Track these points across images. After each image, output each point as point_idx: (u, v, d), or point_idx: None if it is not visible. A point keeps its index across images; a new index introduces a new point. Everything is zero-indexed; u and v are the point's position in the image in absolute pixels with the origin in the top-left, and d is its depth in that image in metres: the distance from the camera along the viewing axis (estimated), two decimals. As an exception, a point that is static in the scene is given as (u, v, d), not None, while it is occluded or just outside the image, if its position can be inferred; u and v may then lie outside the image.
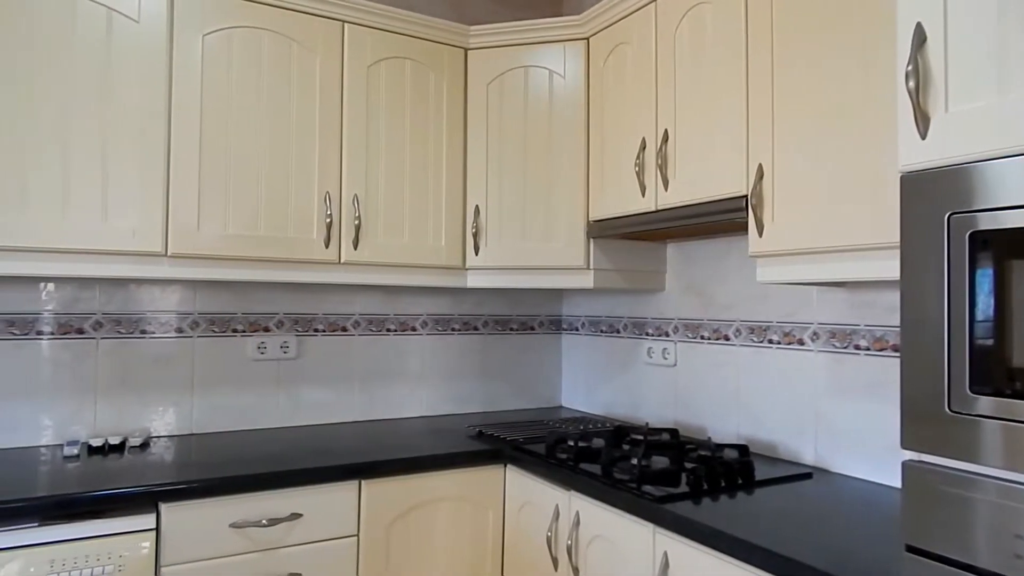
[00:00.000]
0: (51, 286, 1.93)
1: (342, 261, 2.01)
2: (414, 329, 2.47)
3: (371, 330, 2.39)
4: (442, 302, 2.52)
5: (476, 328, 2.59)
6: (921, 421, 0.95)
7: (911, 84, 0.97)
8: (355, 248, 2.03)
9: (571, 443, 1.84)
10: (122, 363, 2.01)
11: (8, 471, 1.62)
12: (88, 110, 1.70)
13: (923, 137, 0.97)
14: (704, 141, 1.71)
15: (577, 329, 2.68)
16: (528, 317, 2.69)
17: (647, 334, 2.33)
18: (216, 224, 1.84)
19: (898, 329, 1.58)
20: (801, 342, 1.81)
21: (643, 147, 1.89)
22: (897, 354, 1.59)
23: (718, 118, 1.67)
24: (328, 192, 1.99)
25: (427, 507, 1.84)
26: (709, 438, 1.86)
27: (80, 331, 1.96)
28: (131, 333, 2.02)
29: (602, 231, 2.07)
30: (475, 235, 2.20)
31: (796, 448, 1.81)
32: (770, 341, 1.89)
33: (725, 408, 2.02)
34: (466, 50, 2.24)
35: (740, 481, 1.59)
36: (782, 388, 1.86)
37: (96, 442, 1.84)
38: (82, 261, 1.69)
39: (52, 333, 1.93)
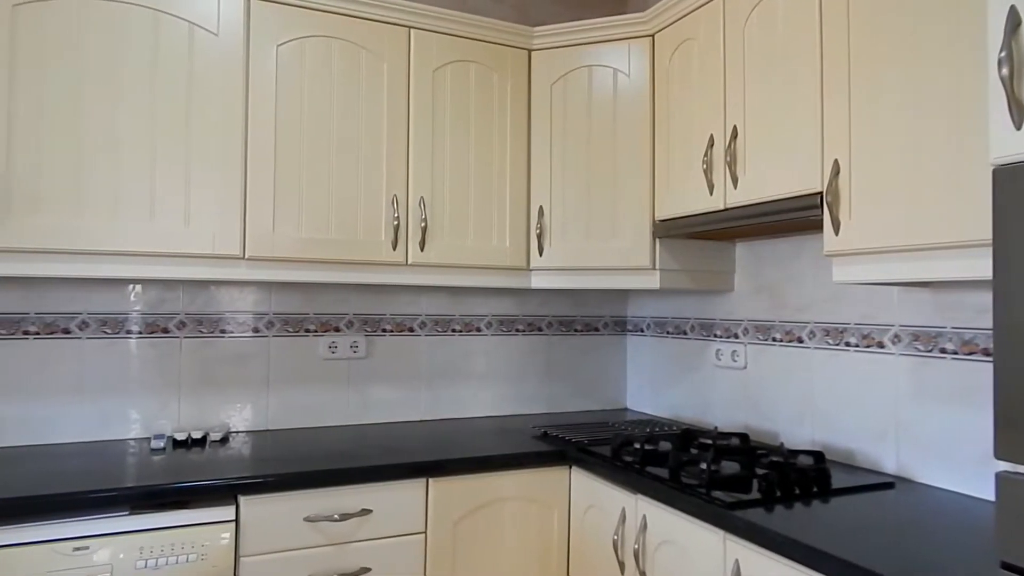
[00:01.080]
0: (139, 288, 2.05)
1: (409, 263, 2.05)
2: (479, 330, 2.49)
3: (437, 330, 2.43)
4: (506, 303, 2.54)
5: (540, 329, 2.59)
6: (1017, 429, 0.89)
7: (1004, 71, 0.91)
8: (421, 250, 2.06)
9: (637, 446, 1.82)
10: (203, 361, 2.11)
11: (100, 462, 1.72)
12: (173, 122, 1.79)
13: (1017, 127, 0.91)
14: (775, 137, 1.65)
15: (642, 330, 2.65)
16: (592, 318, 2.68)
17: (715, 336, 2.28)
18: (290, 228, 1.91)
19: (989, 332, 1.49)
20: (881, 345, 1.73)
21: (711, 144, 1.84)
22: (988, 358, 1.50)
23: (790, 113, 1.61)
24: (395, 195, 2.03)
25: (493, 506, 1.85)
26: (781, 443, 1.79)
27: (165, 330, 2.07)
28: (211, 333, 2.12)
29: (668, 231, 2.04)
30: (539, 236, 2.20)
31: (876, 456, 1.73)
32: (847, 344, 1.82)
33: (798, 413, 1.95)
34: (530, 51, 2.25)
35: (815, 489, 1.53)
36: (860, 393, 1.78)
37: (180, 436, 1.94)
38: (167, 264, 1.79)
39: (140, 332, 2.04)
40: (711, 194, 1.85)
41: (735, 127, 1.77)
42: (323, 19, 1.97)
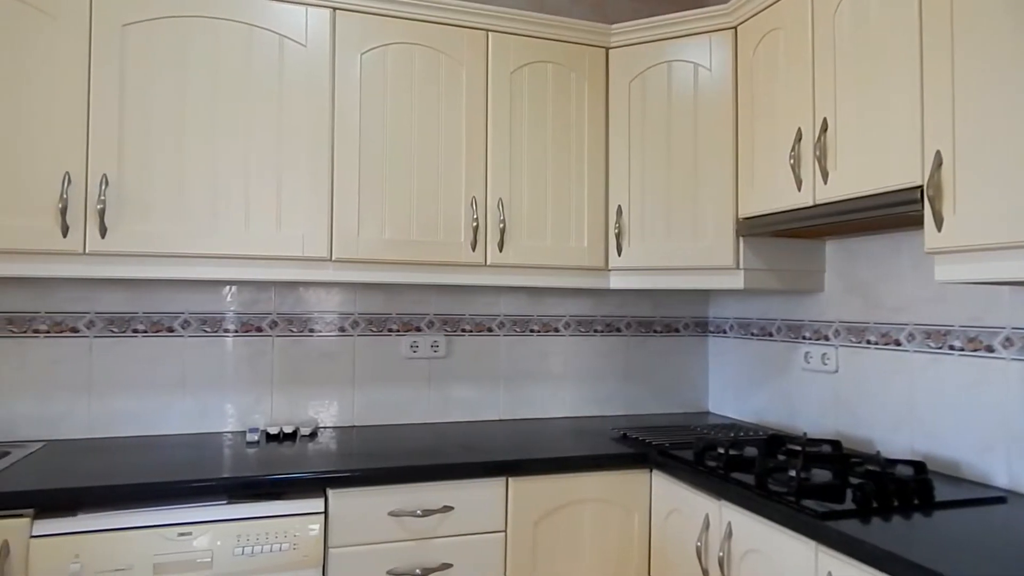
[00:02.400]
0: (234, 289, 2.16)
1: (488, 263, 2.07)
2: (557, 330, 2.49)
3: (515, 331, 2.44)
4: (584, 303, 2.52)
5: (619, 330, 2.56)
6: None
7: None
8: (500, 251, 2.08)
9: (721, 450, 1.77)
10: (293, 359, 2.21)
11: (201, 453, 1.83)
12: (266, 131, 1.88)
13: None
14: (869, 129, 1.57)
15: (725, 332, 2.57)
16: (672, 319, 2.62)
17: (804, 338, 2.18)
18: (374, 230, 1.97)
19: (1118, 335, 1.36)
20: (990, 349, 1.61)
21: (799, 138, 1.77)
22: (1117, 364, 1.37)
23: (886, 103, 1.53)
24: (474, 197, 2.06)
25: (573, 507, 1.84)
26: (878, 452, 1.70)
27: (259, 329, 2.18)
28: (301, 332, 2.22)
29: (753, 229, 1.97)
30: (618, 235, 2.18)
31: (985, 468, 1.62)
32: (951, 347, 1.70)
33: (896, 420, 1.85)
34: (607, 49, 2.23)
35: (916, 501, 1.44)
36: (967, 400, 1.66)
37: (273, 430, 2.04)
38: (260, 266, 1.88)
39: (236, 331, 2.16)
40: (799, 190, 1.77)
41: (825, 120, 1.69)
42: (404, 26, 2.02)
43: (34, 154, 1.70)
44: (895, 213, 1.51)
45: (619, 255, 2.19)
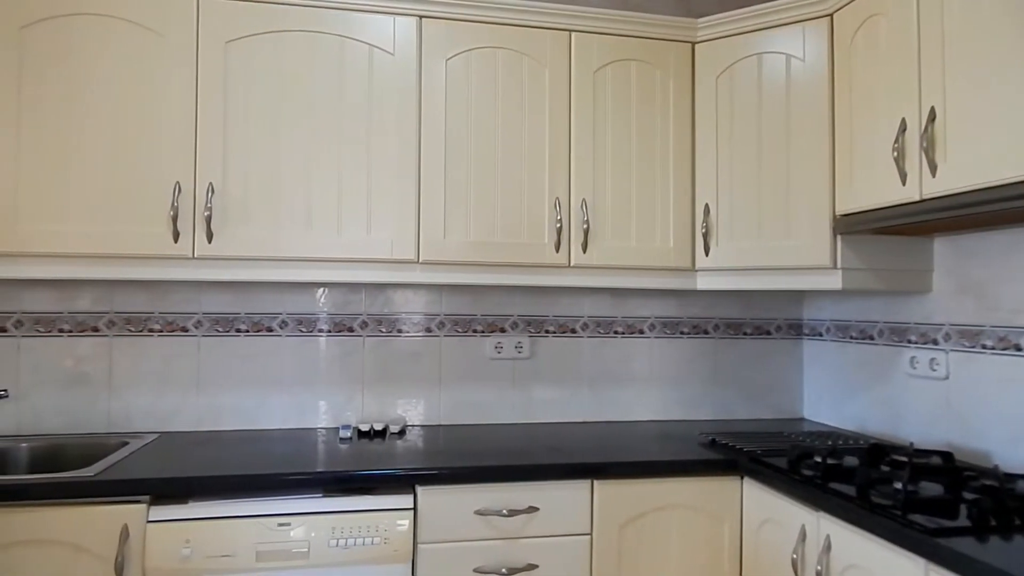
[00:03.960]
0: (327, 290, 2.25)
1: (572, 264, 2.06)
2: (641, 332, 2.45)
3: (599, 332, 2.42)
4: (670, 305, 2.47)
5: (706, 332, 2.49)
6: None
7: None
8: (584, 251, 2.07)
9: (818, 459, 1.69)
10: (382, 358, 2.28)
11: (297, 448, 1.92)
12: (356, 138, 1.95)
13: None
14: (983, 117, 1.45)
15: (821, 334, 2.45)
16: (764, 321, 2.53)
17: (909, 341, 2.05)
18: (459, 232, 2.00)
19: None
20: None
21: (903, 129, 1.66)
22: None
23: (1002, 89, 1.41)
24: (558, 198, 2.06)
25: (660, 513, 1.81)
26: (996, 466, 1.57)
27: (350, 329, 2.26)
28: (389, 332, 2.28)
29: (851, 226, 1.87)
30: (705, 235, 2.12)
31: (1123, 486, 1.46)
32: (1082, 352, 1.56)
33: (1016, 432, 1.70)
34: (693, 44, 2.17)
35: (1042, 520, 1.33)
36: (1101, 411, 1.51)
37: (364, 427, 2.11)
38: (352, 269, 1.95)
39: (329, 331, 2.25)
40: (903, 184, 1.67)
41: (932, 108, 1.58)
42: (488, 30, 2.04)
43: (149, 166, 1.84)
44: (1015, 207, 1.39)
45: (707, 255, 2.13)
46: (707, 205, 2.13)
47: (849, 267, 1.94)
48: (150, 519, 1.55)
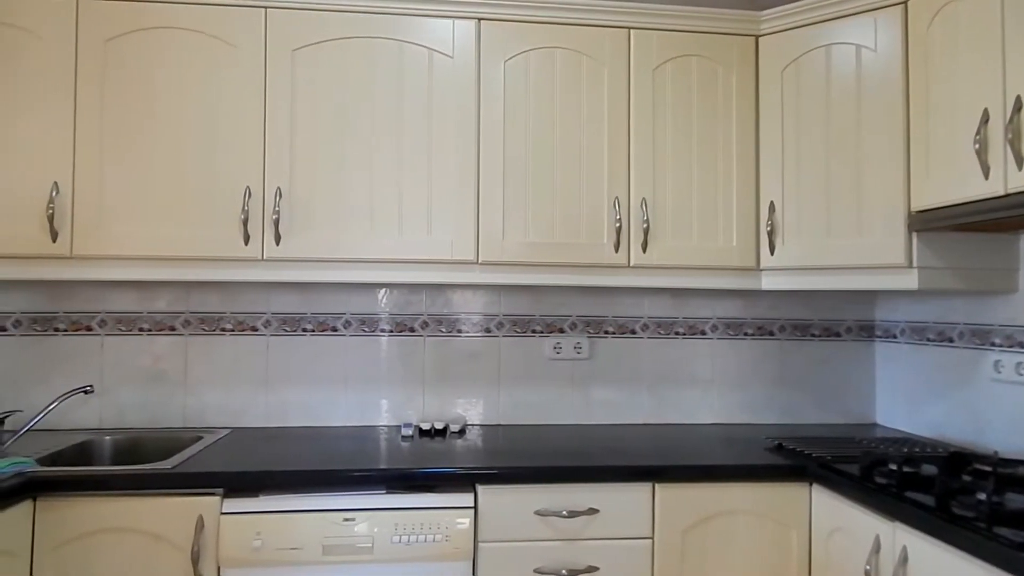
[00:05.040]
0: (388, 291, 2.30)
1: (631, 265, 2.04)
2: (703, 333, 2.40)
3: (659, 333, 2.39)
4: (733, 305, 2.41)
5: (771, 333, 2.42)
6: None
7: None
8: (643, 251, 2.04)
9: (893, 467, 1.61)
10: (442, 358, 2.30)
11: (361, 445, 1.96)
12: (416, 141, 1.98)
13: None
14: (1081, 104, 1.36)
15: (895, 336, 2.35)
16: (832, 322, 2.44)
17: (994, 344, 1.94)
18: (518, 233, 2.01)
19: None
20: None
21: (985, 120, 1.58)
22: None
23: (1103, 73, 1.32)
24: (617, 197, 2.04)
25: (724, 518, 1.77)
26: (1091, 477, 1.47)
27: (411, 329, 2.30)
28: (449, 332, 2.31)
29: (928, 223, 1.78)
30: (770, 233, 2.06)
31: None
32: None
33: (1115, 440, 1.59)
34: (757, 37, 2.11)
35: None
36: None
37: (425, 426, 2.14)
38: (413, 270, 1.98)
39: (390, 331, 2.29)
40: (986, 178, 1.58)
41: (1019, 97, 1.49)
42: (546, 30, 2.04)
43: (221, 171, 1.91)
44: (1114, 200, 1.30)
45: (772, 254, 2.07)
46: (772, 202, 2.07)
47: (926, 266, 1.85)
48: (223, 511, 1.62)
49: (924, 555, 1.40)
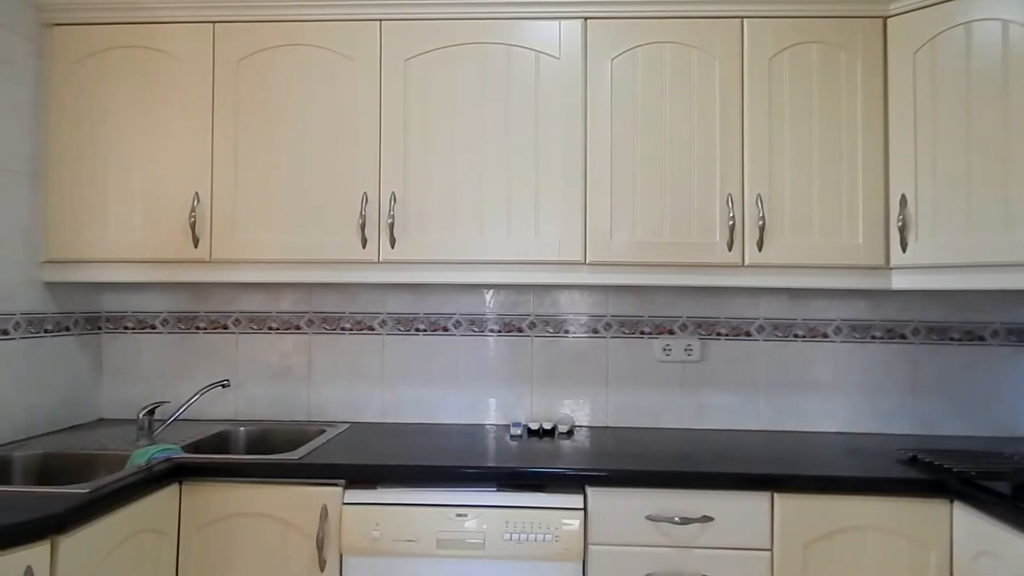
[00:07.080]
0: (496, 292, 2.33)
1: (745, 264, 1.96)
2: (825, 335, 2.26)
3: (776, 335, 2.27)
4: (858, 306, 2.26)
5: (903, 336, 2.24)
6: None
7: None
8: (759, 250, 1.95)
9: (1052, 485, 1.45)
10: (550, 359, 2.31)
11: (472, 443, 2.00)
12: (524, 143, 2.00)
13: None
14: None
15: (1050, 340, 2.11)
16: (976, 325, 2.23)
17: None
18: (625, 233, 1.98)
19: None
20: None
21: None
22: None
23: None
24: (730, 194, 1.96)
25: (851, 534, 1.66)
26: None
27: (519, 330, 2.32)
28: (556, 332, 2.31)
29: (1095, 214, 1.59)
30: (902, 229, 1.91)
31: None
32: None
33: None
34: (885, 18, 1.97)
35: None
36: None
37: (533, 426, 2.15)
38: (521, 270, 2.00)
39: (499, 331, 2.32)
40: None
41: None
42: (654, 26, 2.00)
43: (340, 178, 2.02)
44: None
45: (904, 251, 1.92)
46: (903, 196, 1.92)
47: (1091, 262, 1.65)
48: (345, 501, 1.70)
49: (1092, 586, 1.25)
